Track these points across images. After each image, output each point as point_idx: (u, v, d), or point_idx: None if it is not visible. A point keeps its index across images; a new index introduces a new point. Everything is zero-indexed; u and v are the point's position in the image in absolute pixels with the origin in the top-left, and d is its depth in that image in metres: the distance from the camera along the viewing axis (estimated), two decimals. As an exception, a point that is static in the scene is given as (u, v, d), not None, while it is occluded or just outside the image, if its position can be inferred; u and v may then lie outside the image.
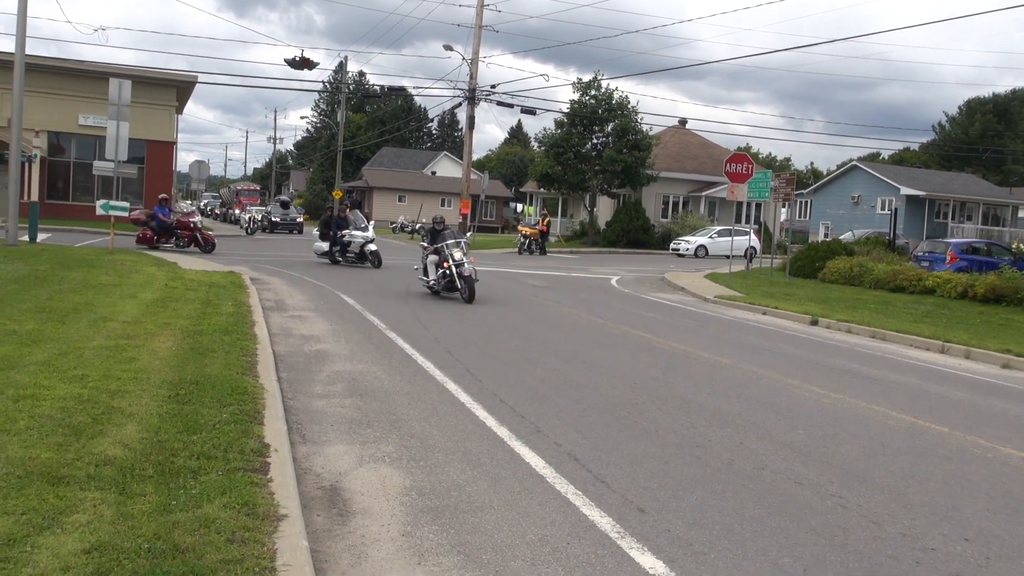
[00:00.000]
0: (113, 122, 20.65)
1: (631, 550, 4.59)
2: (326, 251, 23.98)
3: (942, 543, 5.00)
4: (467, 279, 16.04)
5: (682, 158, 49.64)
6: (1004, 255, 27.62)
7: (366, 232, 23.61)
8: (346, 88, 73.32)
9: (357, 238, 23.42)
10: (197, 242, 25.48)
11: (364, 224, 23.98)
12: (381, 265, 23.22)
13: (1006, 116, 74.95)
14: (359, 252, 23.50)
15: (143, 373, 7.32)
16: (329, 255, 23.98)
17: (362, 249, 23.45)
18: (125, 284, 13.95)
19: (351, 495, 5.24)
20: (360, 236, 23.44)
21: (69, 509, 4.24)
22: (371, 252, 23.42)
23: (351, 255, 23.66)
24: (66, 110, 36.16)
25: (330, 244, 23.87)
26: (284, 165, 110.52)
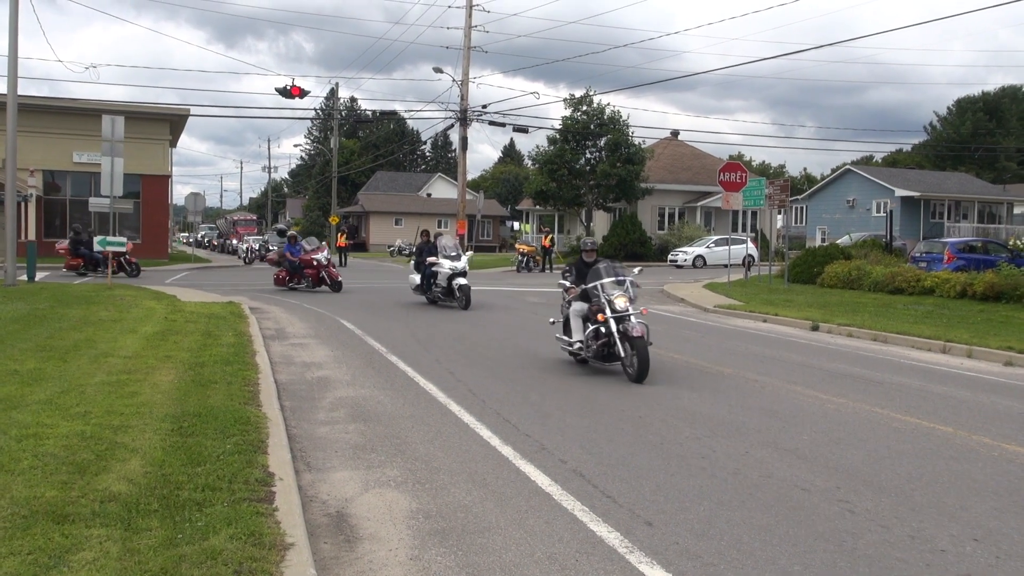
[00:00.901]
0: (107, 158, 20.70)
1: (640, 564, 4.58)
2: (418, 284, 19.93)
3: (951, 544, 4.99)
4: (636, 341, 10.06)
5: (676, 169, 49.80)
6: (1001, 252, 27.65)
7: (456, 262, 18.89)
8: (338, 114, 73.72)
9: (443, 269, 18.88)
10: (324, 281, 23.11)
11: (455, 251, 19.27)
12: (469, 306, 18.44)
13: (997, 114, 75.27)
14: (446, 286, 18.98)
15: (145, 407, 7.32)
16: (421, 289, 19.83)
17: (449, 283, 18.87)
18: (125, 319, 13.96)
19: (358, 521, 5.23)
20: (447, 267, 18.78)
21: (75, 547, 4.23)
22: (459, 287, 18.58)
23: (438, 289, 19.22)
24: (60, 148, 36.29)
25: (422, 277, 19.71)
26: (280, 193, 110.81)
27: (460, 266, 18.84)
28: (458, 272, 18.79)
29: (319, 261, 22.95)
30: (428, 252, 19.50)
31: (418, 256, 20.05)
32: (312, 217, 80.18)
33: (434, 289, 19.21)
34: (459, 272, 18.81)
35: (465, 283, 18.61)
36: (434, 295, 19.29)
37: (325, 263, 23.02)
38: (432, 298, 19.36)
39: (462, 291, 18.52)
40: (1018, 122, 76.10)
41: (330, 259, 23.42)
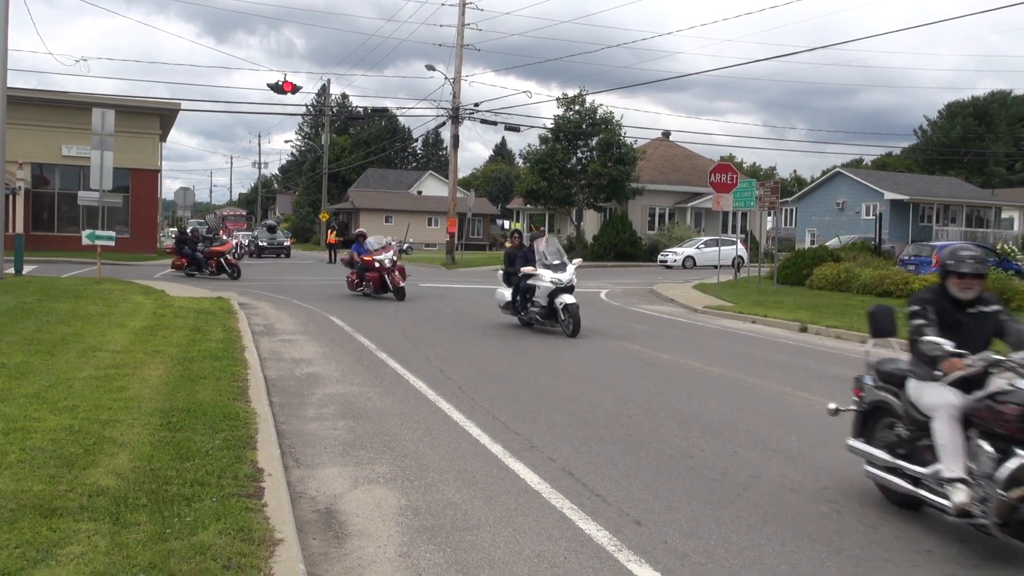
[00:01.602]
0: (97, 152, 20.62)
1: (628, 563, 4.59)
2: (509, 302, 15.83)
3: (938, 545, 5.02)
4: None
5: (667, 170, 49.88)
6: (989, 257, 27.82)
7: (560, 272, 14.66)
8: (329, 111, 73.58)
9: (543, 282, 14.71)
10: (387, 287, 20.18)
11: (558, 258, 15.08)
12: (579, 332, 14.19)
13: (986, 118, 75.63)
14: (547, 306, 14.77)
15: (134, 402, 7.29)
16: (513, 307, 15.73)
17: (551, 301, 14.69)
18: (113, 313, 13.90)
19: (347, 517, 5.23)
20: (548, 279, 14.62)
21: (63, 541, 4.21)
22: (564, 306, 14.39)
23: (536, 309, 15.01)
24: (49, 141, 36.08)
25: (514, 291, 15.63)
26: (270, 189, 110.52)
27: (565, 278, 14.57)
28: (563, 287, 14.56)
29: (381, 264, 19.97)
30: (522, 259, 15.48)
31: (508, 264, 16.10)
32: (302, 214, 79.95)
33: (531, 308, 15.16)
34: (564, 287, 14.58)
35: (573, 302, 14.35)
36: (530, 316, 15.22)
37: (389, 266, 19.94)
38: (527, 319, 15.40)
39: (568, 312, 14.33)
40: (1007, 127, 76.51)
41: (395, 261, 20.21)
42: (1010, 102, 78.09)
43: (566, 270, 14.73)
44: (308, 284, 24.89)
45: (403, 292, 19.85)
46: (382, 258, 20.06)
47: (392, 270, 19.96)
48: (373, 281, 20.14)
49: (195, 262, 26.70)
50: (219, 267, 26.42)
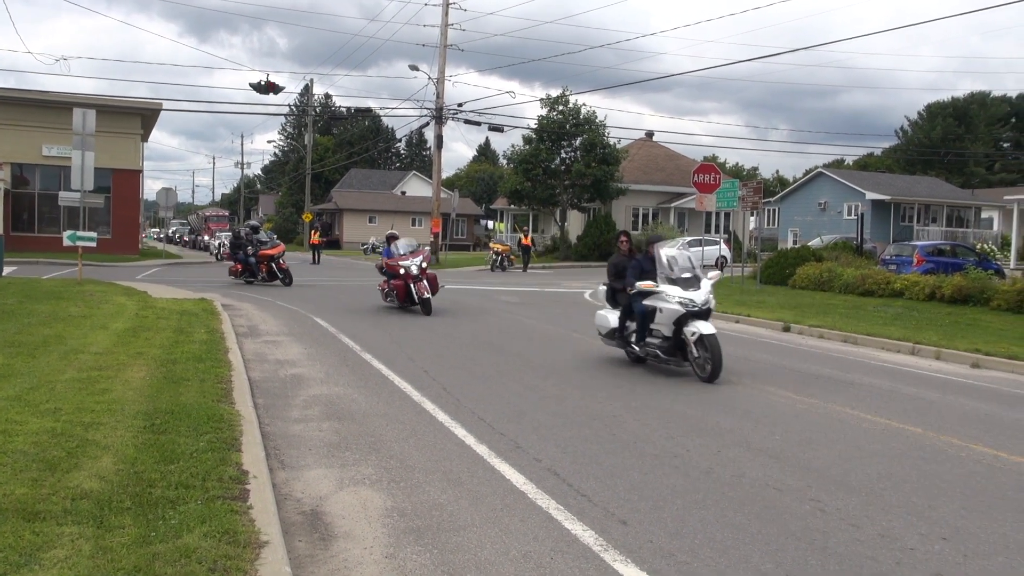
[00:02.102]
0: (78, 152, 20.47)
1: (615, 562, 4.61)
2: (614, 328, 11.86)
3: (920, 543, 5.06)
4: None
5: (650, 170, 50.03)
6: (969, 256, 28.07)
7: (692, 291, 10.75)
8: (312, 111, 73.33)
9: (670, 304, 10.76)
10: (412, 298, 17.40)
11: (690, 271, 11.11)
12: (718, 374, 10.35)
13: (966, 119, 76.31)
14: (671, 336, 10.81)
15: (117, 404, 7.25)
16: (621, 336, 11.75)
17: (678, 330, 10.71)
18: (95, 315, 13.81)
19: (332, 519, 5.22)
20: (676, 299, 10.69)
21: (46, 545, 4.18)
22: (700, 338, 10.48)
23: (656, 340, 11.09)
24: (29, 141, 35.80)
25: (622, 314, 11.71)
26: (252, 190, 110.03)
27: (700, 298, 10.54)
28: (696, 310, 10.49)
29: (407, 270, 17.33)
30: (635, 271, 11.26)
31: (614, 278, 12.01)
32: (285, 214, 79.66)
33: (649, 340, 11.14)
34: (698, 310, 10.51)
35: (711, 332, 10.36)
36: (647, 349, 11.14)
37: (416, 273, 17.26)
38: (643, 353, 11.27)
39: (706, 346, 10.32)
40: (986, 128, 77.26)
41: (425, 268, 17.56)
42: (989, 103, 78.86)
43: (700, 287, 10.69)
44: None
45: (429, 305, 17.08)
46: (408, 264, 17.34)
47: (419, 278, 17.23)
48: (397, 290, 17.55)
49: (249, 268, 24.38)
50: (270, 273, 24.15)
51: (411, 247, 18.10)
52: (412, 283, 17.25)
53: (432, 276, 17.72)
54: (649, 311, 11.01)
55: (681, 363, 10.87)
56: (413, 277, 17.26)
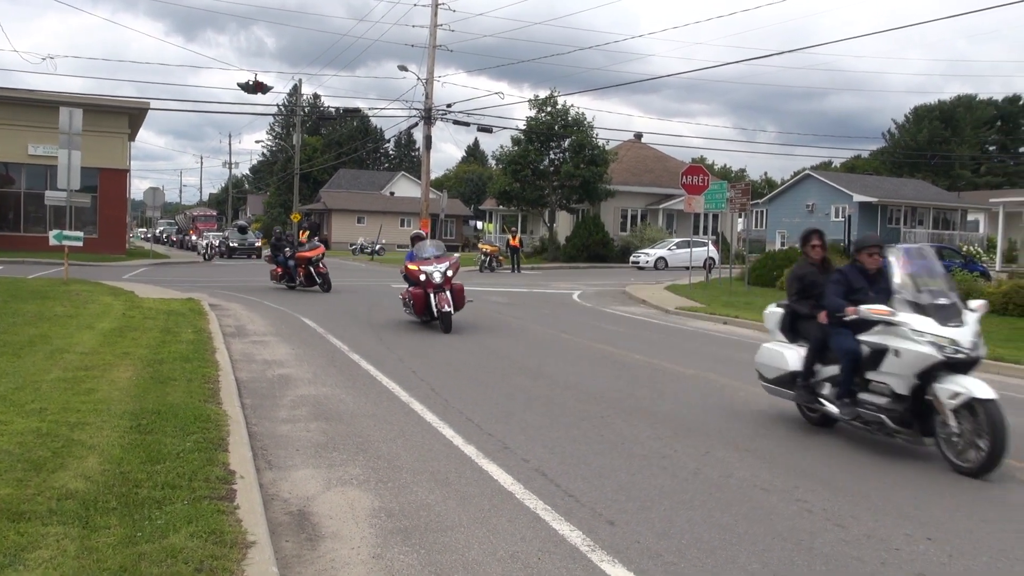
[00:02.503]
0: (64, 151, 20.36)
1: (602, 563, 4.61)
2: (797, 371, 8.01)
3: (906, 543, 5.09)
4: None
5: (639, 172, 50.14)
6: (955, 258, 28.26)
7: (952, 326, 6.78)
8: (301, 111, 73.13)
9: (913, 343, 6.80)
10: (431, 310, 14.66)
11: (944, 293, 7.04)
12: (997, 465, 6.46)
13: (952, 122, 76.83)
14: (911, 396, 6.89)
15: (103, 404, 7.21)
16: (803, 388, 7.95)
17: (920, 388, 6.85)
18: (82, 314, 13.73)
19: (320, 519, 5.20)
20: (927, 334, 6.73)
21: (31, 545, 4.16)
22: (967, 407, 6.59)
23: (880, 400, 7.11)
24: (15, 140, 35.58)
25: (810, 353, 7.87)
26: (240, 190, 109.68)
27: (966, 341, 6.79)
28: (960, 358, 6.77)
29: (428, 277, 14.37)
30: (838, 287, 7.61)
31: (797, 295, 8.39)
32: (273, 214, 79.39)
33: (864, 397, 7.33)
34: (963, 358, 6.79)
35: (990, 398, 6.61)
36: (864, 411, 7.28)
37: (439, 281, 14.38)
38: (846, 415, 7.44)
39: (979, 420, 6.59)
40: (972, 131, 77.81)
41: (449, 277, 14.64)
42: (975, 106, 79.43)
43: (963, 321, 6.90)
44: (279, 285, 24.72)
45: (450, 321, 14.32)
46: (431, 270, 14.42)
47: (442, 288, 14.48)
48: (415, 300, 14.71)
49: (289, 271, 22.50)
50: (308, 277, 22.08)
51: (438, 251, 15.39)
52: (433, 293, 14.49)
53: (458, 288, 14.92)
54: (870, 352, 7.24)
55: (920, 439, 7.01)
56: (435, 286, 14.45)
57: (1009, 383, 11.51)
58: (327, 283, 22.22)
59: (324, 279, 22.15)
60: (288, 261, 22.41)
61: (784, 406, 9.04)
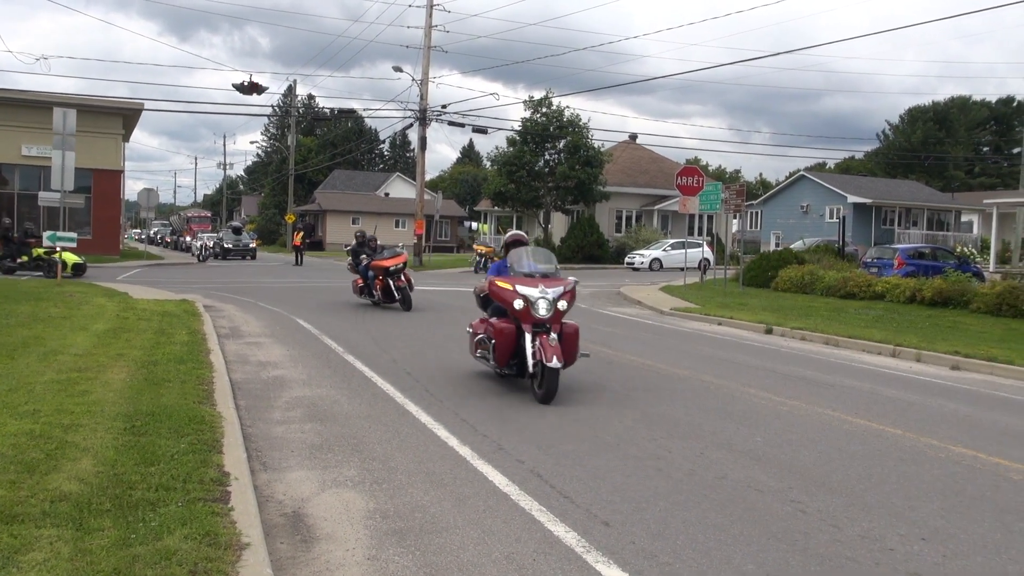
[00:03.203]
0: (58, 152, 20.30)
1: (597, 564, 4.61)
2: None
3: (900, 543, 5.10)
4: None
5: (634, 173, 50.15)
6: (949, 259, 28.31)
7: None
8: (296, 112, 73.06)
9: None
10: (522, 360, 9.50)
11: None
12: None
13: (946, 123, 77.04)
14: None
15: (97, 406, 7.19)
16: None
17: None
18: (75, 316, 13.70)
19: (314, 521, 5.20)
20: None
21: (25, 548, 4.14)
22: None
23: None
24: (8, 141, 35.46)
25: None
26: (235, 191, 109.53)
27: None
28: None
29: (530, 306, 9.11)
30: None
31: None
32: (268, 215, 79.26)
33: None
34: None
35: None
36: None
37: (545, 315, 9.10)
38: None
39: None
40: (966, 132, 78.04)
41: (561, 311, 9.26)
42: (969, 107, 79.64)
43: None
44: (274, 286, 24.69)
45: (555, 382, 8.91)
46: (534, 295, 9.14)
47: (547, 327, 9.17)
48: (499, 339, 9.40)
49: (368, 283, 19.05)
50: (385, 291, 18.43)
51: (546, 265, 9.86)
52: (531, 334, 9.17)
53: (572, 331, 9.37)
54: None
55: None
56: (537, 321, 9.16)
57: (1003, 384, 11.55)
58: (407, 300, 18.23)
59: (404, 295, 18.26)
60: (368, 271, 18.94)
61: (779, 409, 9.06)
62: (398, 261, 18.37)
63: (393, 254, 18.66)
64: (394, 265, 18.29)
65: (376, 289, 18.52)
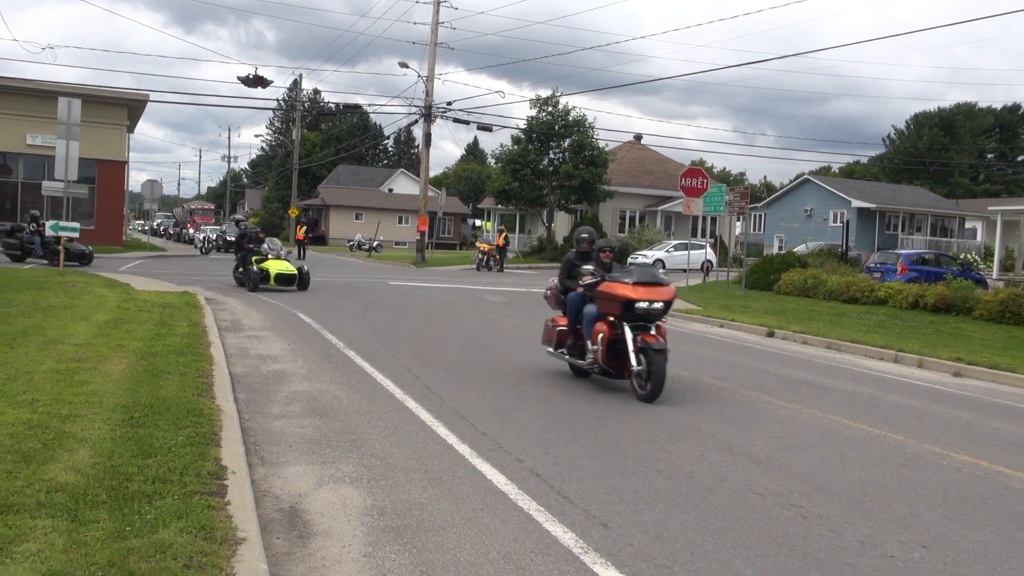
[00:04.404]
0: (63, 141, 20.26)
1: (595, 565, 4.58)
2: None
3: (901, 550, 5.06)
4: None
5: (638, 173, 50.09)
6: (952, 266, 28.25)
7: None
8: (301, 106, 73.01)
9: None
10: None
11: None
12: None
13: (951, 130, 76.89)
14: None
15: (95, 396, 7.16)
16: None
17: None
18: (76, 306, 13.68)
19: (311, 516, 5.17)
20: None
21: (19, 538, 4.11)
22: None
23: None
24: (13, 130, 35.46)
25: None
26: (239, 184, 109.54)
27: None
28: None
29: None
30: None
31: None
32: (271, 209, 79.31)
33: None
34: None
35: None
36: None
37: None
38: None
39: None
40: (971, 139, 77.87)
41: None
42: (975, 114, 79.48)
43: None
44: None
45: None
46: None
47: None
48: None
49: None
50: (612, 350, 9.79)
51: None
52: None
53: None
54: None
55: None
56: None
57: (1005, 391, 11.51)
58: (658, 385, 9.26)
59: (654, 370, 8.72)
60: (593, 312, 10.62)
61: (780, 413, 9.02)
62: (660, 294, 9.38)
63: (653, 279, 9.57)
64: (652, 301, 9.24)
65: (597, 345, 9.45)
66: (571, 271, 10.48)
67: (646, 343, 9.01)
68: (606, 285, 9.47)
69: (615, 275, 9.60)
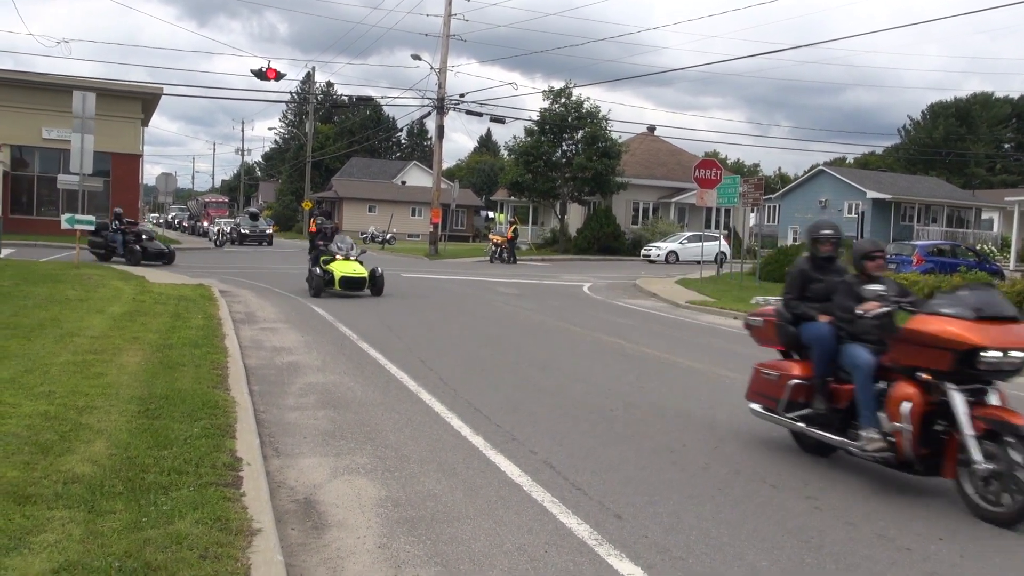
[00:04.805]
0: (78, 135, 20.36)
1: (609, 557, 4.57)
2: None
3: (917, 543, 5.03)
4: None
5: (651, 165, 49.94)
6: (968, 257, 28.07)
7: None
8: (314, 99, 73.12)
9: None
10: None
11: None
12: None
13: (968, 120, 76.24)
14: None
15: (111, 388, 7.20)
16: None
17: None
18: (92, 298, 13.76)
19: (326, 508, 5.18)
20: None
21: (37, 529, 4.14)
22: None
23: None
24: (29, 124, 35.65)
25: None
26: (252, 177, 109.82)
27: None
28: None
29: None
30: None
31: None
32: (285, 201, 79.54)
33: None
34: None
35: None
36: None
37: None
38: None
39: None
40: (988, 129, 77.22)
41: None
42: (992, 104, 78.81)
43: None
44: (290, 273, 24.70)
45: None
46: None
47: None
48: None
49: None
50: None
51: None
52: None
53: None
54: None
55: None
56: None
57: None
58: None
59: None
60: None
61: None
62: None
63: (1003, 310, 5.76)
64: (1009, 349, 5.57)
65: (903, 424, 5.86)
66: (805, 287, 7.05)
67: (999, 422, 5.43)
68: (920, 320, 5.85)
69: (932, 303, 5.95)
